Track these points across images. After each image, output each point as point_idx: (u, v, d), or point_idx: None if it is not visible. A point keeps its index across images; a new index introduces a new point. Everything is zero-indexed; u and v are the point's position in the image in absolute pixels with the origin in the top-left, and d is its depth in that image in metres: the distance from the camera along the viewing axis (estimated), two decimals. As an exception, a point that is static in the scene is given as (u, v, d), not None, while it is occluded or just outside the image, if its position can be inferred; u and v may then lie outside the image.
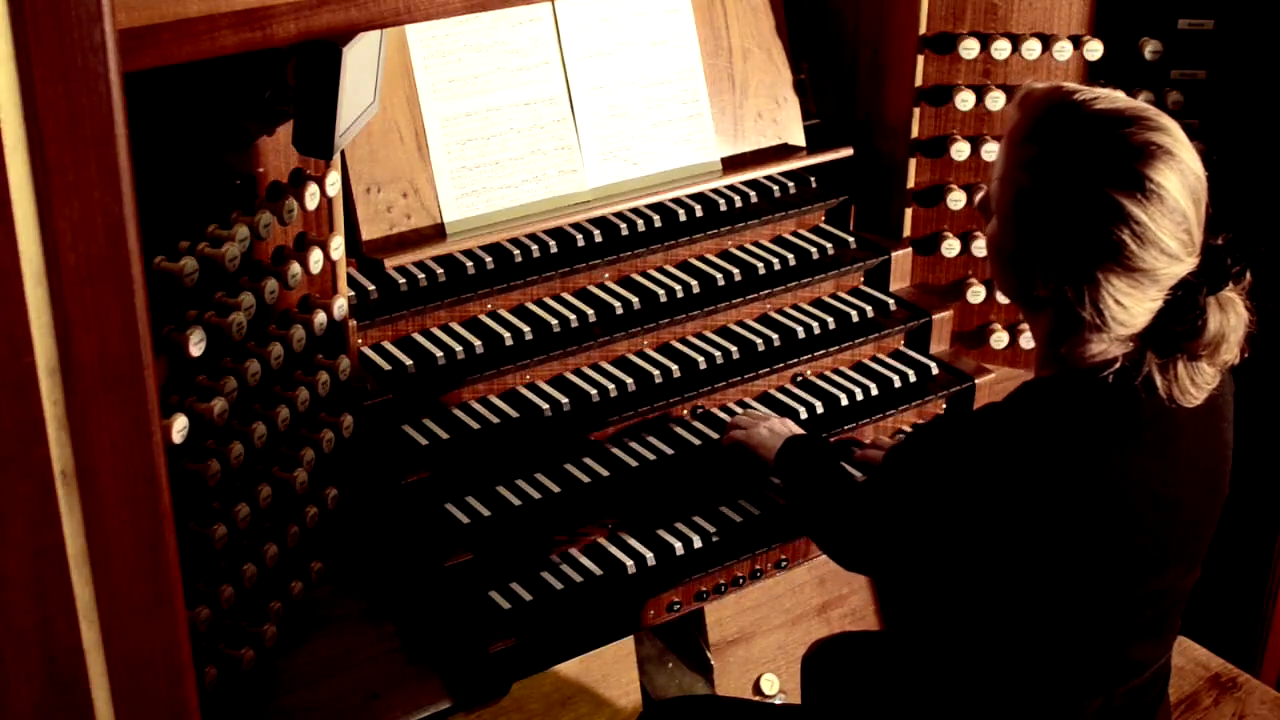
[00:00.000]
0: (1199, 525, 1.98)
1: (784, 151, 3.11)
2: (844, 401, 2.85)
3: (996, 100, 3.00)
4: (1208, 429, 1.96)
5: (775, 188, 3.09)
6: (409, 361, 2.58)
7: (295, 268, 2.24)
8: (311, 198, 2.28)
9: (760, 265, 2.96)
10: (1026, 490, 1.85)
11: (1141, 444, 1.87)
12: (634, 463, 2.63)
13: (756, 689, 3.04)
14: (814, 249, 3.04)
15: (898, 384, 2.92)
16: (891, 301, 3.06)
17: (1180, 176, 1.78)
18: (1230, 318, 1.84)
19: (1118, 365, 1.87)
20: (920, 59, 3.04)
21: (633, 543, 2.55)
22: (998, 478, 1.87)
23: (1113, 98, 1.85)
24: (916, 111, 3.08)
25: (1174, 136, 1.81)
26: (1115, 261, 1.78)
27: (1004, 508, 1.86)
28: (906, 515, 2.00)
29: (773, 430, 2.54)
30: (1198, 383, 1.86)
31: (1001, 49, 2.98)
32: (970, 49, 2.99)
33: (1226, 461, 2.01)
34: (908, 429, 2.93)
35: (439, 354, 2.61)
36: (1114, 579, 1.90)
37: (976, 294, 3.13)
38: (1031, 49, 2.97)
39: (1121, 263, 1.78)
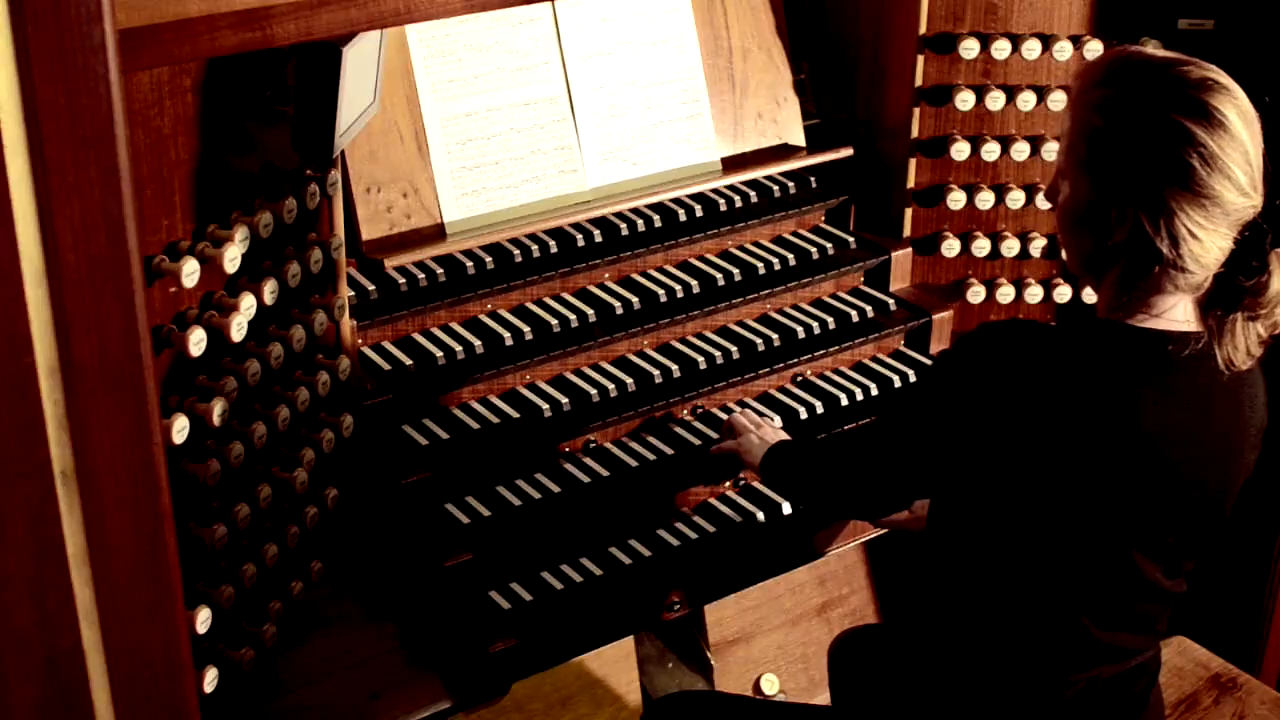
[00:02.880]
0: (1195, 530, 1.99)
1: (784, 151, 3.11)
2: (844, 401, 2.85)
3: (996, 100, 3.00)
4: (1235, 443, 2.00)
5: (775, 188, 3.08)
6: (409, 361, 2.58)
7: (295, 268, 2.24)
8: (311, 198, 2.28)
9: (760, 265, 2.96)
10: (1049, 416, 1.89)
11: (1175, 407, 1.91)
12: (634, 463, 2.63)
13: (756, 689, 3.04)
14: (814, 249, 3.04)
15: (898, 384, 2.92)
16: (891, 301, 3.06)
17: (1239, 111, 1.88)
18: None
19: (1175, 326, 1.93)
20: (920, 59, 3.04)
21: (633, 542, 2.55)
22: (1027, 398, 1.90)
23: (1167, 52, 1.98)
24: (916, 111, 3.08)
25: (1228, 78, 1.92)
26: (1186, 187, 1.85)
27: (1025, 427, 1.90)
28: (925, 429, 2.04)
29: (763, 439, 2.55)
30: (1249, 346, 1.93)
31: (1001, 49, 2.98)
32: (970, 49, 2.99)
33: (1238, 485, 2.04)
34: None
35: (439, 354, 2.61)
36: (1104, 538, 1.92)
37: (976, 294, 3.13)
38: (1031, 49, 2.97)
39: (1192, 188, 1.84)
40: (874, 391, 2.89)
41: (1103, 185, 1.92)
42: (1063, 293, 3.13)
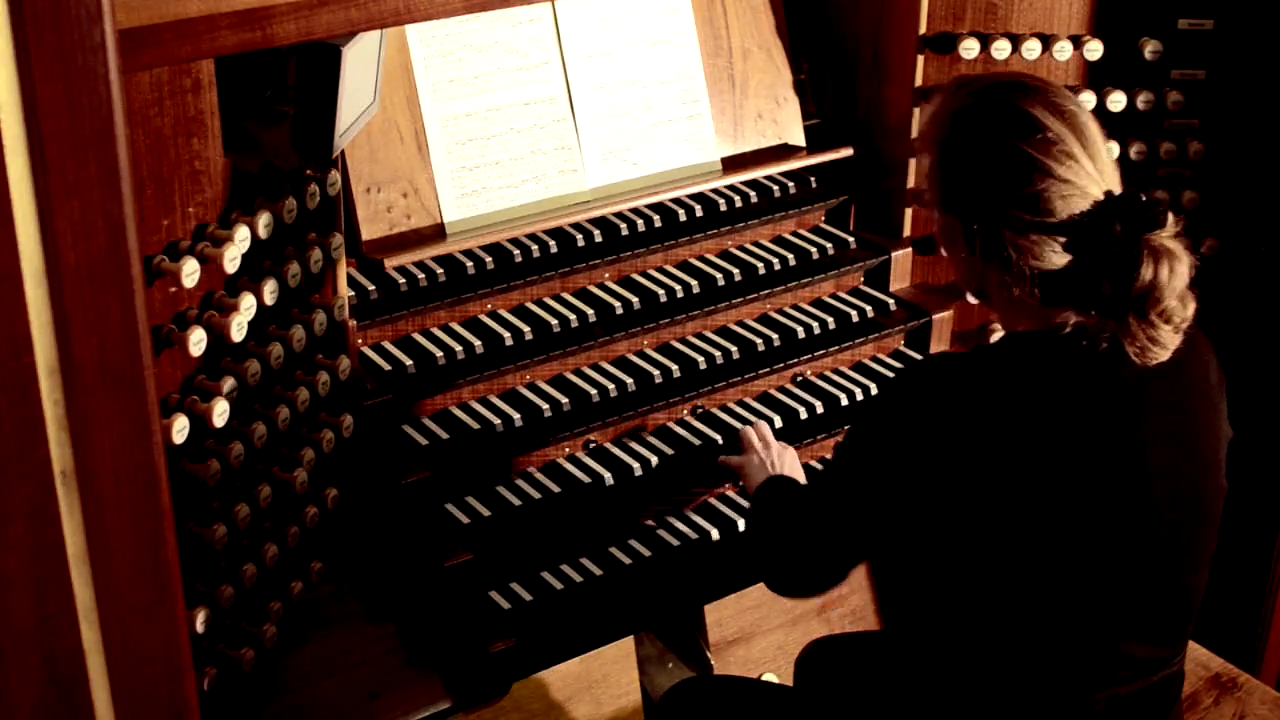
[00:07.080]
0: (1191, 512, 1.96)
1: (784, 151, 3.11)
2: (844, 401, 2.85)
3: (996, 100, 2.99)
4: (1193, 410, 1.95)
5: (775, 188, 3.08)
6: (409, 361, 2.58)
7: (295, 268, 2.24)
8: (311, 198, 2.28)
9: (760, 265, 2.96)
10: (999, 450, 1.84)
11: (1117, 411, 1.87)
12: (634, 463, 2.63)
13: (756, 689, 3.03)
14: (814, 249, 3.04)
15: (898, 384, 2.92)
16: (891, 301, 3.06)
17: (1044, 104, 1.89)
18: (1164, 268, 1.82)
19: (1071, 326, 1.89)
20: (920, 59, 3.04)
21: (633, 542, 2.55)
22: (969, 434, 1.86)
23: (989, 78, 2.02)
24: (916, 111, 3.07)
25: (1033, 80, 1.95)
26: (1008, 197, 1.87)
27: (978, 466, 1.85)
28: (877, 488, 1.96)
29: (766, 465, 2.48)
30: (1157, 339, 1.85)
31: (1001, 49, 2.98)
32: (970, 49, 2.99)
33: (1219, 451, 2.00)
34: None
35: (439, 354, 2.61)
36: (1091, 555, 1.89)
37: (976, 294, 3.13)
38: (1031, 49, 2.97)
39: (1024, 193, 1.86)
40: (874, 391, 2.89)
41: (955, 211, 1.96)
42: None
